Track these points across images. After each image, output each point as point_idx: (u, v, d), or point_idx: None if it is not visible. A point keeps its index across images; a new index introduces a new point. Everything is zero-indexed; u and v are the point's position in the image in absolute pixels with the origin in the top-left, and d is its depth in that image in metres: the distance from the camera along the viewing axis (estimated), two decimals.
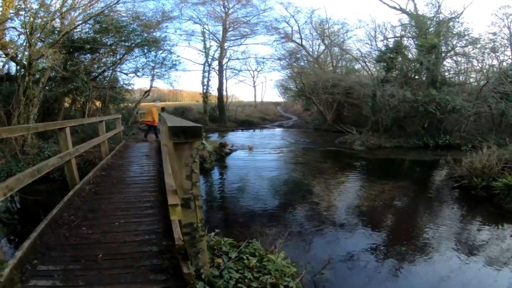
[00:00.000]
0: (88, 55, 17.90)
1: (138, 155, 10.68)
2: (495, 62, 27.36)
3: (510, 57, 27.85)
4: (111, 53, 19.16)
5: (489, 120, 25.72)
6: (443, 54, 25.32)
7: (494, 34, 26.95)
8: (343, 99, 33.49)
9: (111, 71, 21.10)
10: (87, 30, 17.42)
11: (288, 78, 52.87)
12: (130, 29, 17.81)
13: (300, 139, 27.79)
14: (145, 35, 18.48)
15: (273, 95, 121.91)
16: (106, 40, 17.93)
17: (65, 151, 5.79)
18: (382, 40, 29.36)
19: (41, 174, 4.33)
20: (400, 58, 25.79)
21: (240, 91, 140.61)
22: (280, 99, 70.48)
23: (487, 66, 26.57)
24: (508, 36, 27.77)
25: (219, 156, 16.49)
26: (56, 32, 14.43)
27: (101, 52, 18.54)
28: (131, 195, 5.93)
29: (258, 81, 66.36)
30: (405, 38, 27.84)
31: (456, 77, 27.39)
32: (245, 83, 57.28)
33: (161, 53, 21.76)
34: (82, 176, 6.76)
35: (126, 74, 22.04)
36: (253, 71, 51.79)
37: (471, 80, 27.94)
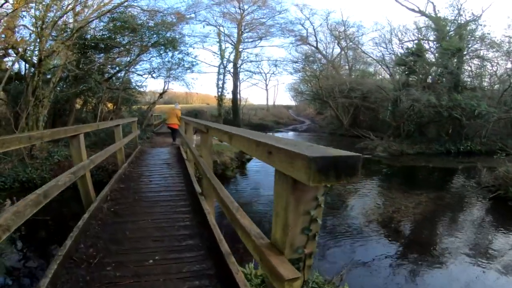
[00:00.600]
0: (102, 54, 16.91)
1: (157, 163, 9.54)
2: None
3: None
4: (126, 52, 18.14)
5: (507, 125, 24.58)
6: (464, 58, 24.10)
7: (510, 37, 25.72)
8: (360, 103, 32.20)
9: (124, 71, 20.14)
10: (101, 27, 16.44)
11: (301, 81, 52.00)
12: (147, 28, 16.75)
13: (317, 144, 26.55)
14: (162, 33, 17.38)
15: (284, 99, 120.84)
16: (121, 39, 16.91)
17: (78, 164, 4.58)
18: (400, 43, 28.30)
19: (49, 198, 3.15)
20: (421, 62, 24.53)
21: (252, 94, 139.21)
22: (292, 102, 69.63)
23: (507, 70, 25.73)
24: None
25: (240, 163, 15.34)
26: (68, 29, 13.43)
27: (115, 51, 17.58)
28: (161, 218, 4.72)
29: (270, 84, 65.09)
30: (423, 41, 26.62)
31: (476, 81, 26.18)
32: (258, 86, 56.15)
33: (177, 54, 20.62)
34: (97, 187, 5.58)
35: (141, 75, 21.00)
36: (266, 74, 50.80)
37: (485, 84, 26.98)
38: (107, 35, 16.07)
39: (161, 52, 19.47)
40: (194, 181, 6.76)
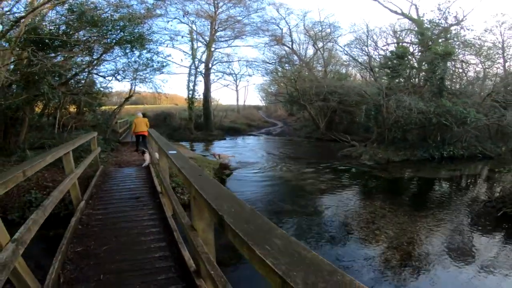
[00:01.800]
0: (59, 53, 14.20)
1: (124, 197, 7.22)
2: (496, 70, 25.84)
3: (502, 64, 26.07)
4: (87, 51, 15.51)
5: (485, 128, 23.71)
6: (448, 62, 22.88)
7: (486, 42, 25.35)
8: (338, 106, 30.71)
9: (86, 73, 17.54)
10: (54, 18, 13.72)
11: (271, 83, 50.29)
12: (111, 22, 14.14)
13: (297, 151, 24.84)
14: (129, 29, 14.76)
15: (254, 99, 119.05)
16: (80, 35, 14.32)
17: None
18: (384, 45, 27.00)
19: None
20: (404, 65, 23.18)
21: (221, 94, 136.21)
22: (262, 103, 67.85)
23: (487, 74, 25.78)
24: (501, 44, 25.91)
25: (220, 180, 13.17)
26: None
27: (75, 50, 14.94)
28: None
29: (240, 85, 62.77)
30: (407, 44, 25.40)
31: (457, 86, 25.30)
32: (229, 87, 53.85)
33: (146, 53, 17.97)
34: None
35: (104, 77, 18.27)
36: (236, 75, 48.78)
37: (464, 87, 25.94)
38: (64, 30, 13.43)
39: (127, 51, 16.88)
40: (179, 239, 4.64)
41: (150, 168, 10.03)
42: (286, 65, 36.60)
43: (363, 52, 30.06)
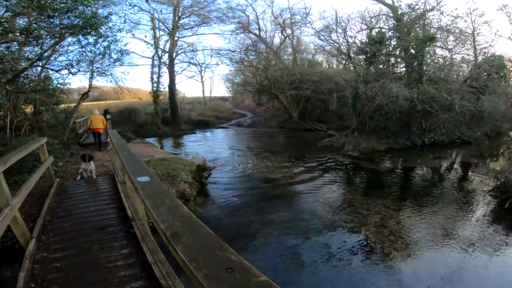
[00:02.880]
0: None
1: (88, 227, 5.24)
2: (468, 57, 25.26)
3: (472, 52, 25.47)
4: (35, 42, 13.09)
5: (460, 114, 22.75)
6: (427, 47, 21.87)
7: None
8: (311, 94, 29.28)
9: (38, 68, 15.09)
10: None
11: (237, 72, 48.30)
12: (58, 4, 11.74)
13: (273, 143, 23.25)
14: (79, 9, 12.31)
15: (220, 90, 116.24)
16: (24, 21, 11.96)
17: None
18: (358, 31, 25.70)
19: None
20: (381, 51, 21.97)
21: (186, 87, 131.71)
22: (228, 94, 65.70)
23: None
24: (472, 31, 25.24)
25: (200, 185, 11.28)
26: None
27: (18, 40, 12.50)
28: None
29: (206, 76, 60.08)
30: (383, 30, 24.11)
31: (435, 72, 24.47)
32: (194, 79, 51.17)
33: (102, 41, 15.48)
34: None
35: (56, 70, 15.71)
36: (201, 65, 46.49)
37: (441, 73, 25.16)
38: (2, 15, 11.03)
39: (79, 38, 14.46)
40: None
41: (114, 176, 8.11)
42: (254, 53, 34.60)
43: (335, 39, 28.63)
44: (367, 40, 22.50)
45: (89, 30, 13.28)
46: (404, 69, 21.94)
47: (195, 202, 9.45)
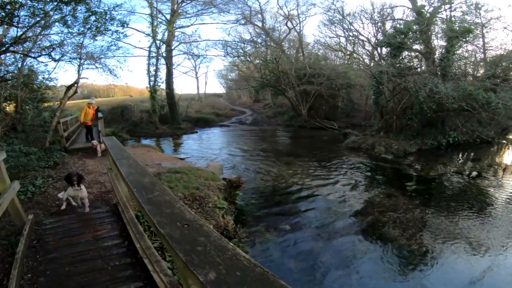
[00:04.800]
0: None
1: None
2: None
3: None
4: (8, 20, 9.90)
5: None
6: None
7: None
8: (325, 90, 26.36)
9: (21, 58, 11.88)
10: None
11: (231, 68, 45.59)
12: None
13: (290, 144, 20.43)
14: None
15: (213, 87, 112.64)
16: None
17: None
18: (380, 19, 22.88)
19: None
20: (409, 43, 19.30)
21: (179, 84, 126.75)
22: (222, 90, 62.73)
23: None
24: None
25: (234, 207, 8.20)
26: None
27: None
28: None
29: (200, 72, 56.50)
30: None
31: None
32: (188, 74, 47.94)
33: (92, 18, 12.04)
34: None
35: (35, 57, 12.32)
36: (198, 57, 43.34)
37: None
38: None
39: (66, 19, 11.13)
40: None
41: (119, 208, 5.07)
42: (261, 45, 31.46)
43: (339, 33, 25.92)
44: (393, 31, 19.73)
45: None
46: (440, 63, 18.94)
47: (239, 239, 6.36)
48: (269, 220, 7.92)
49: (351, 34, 29.24)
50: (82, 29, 12.12)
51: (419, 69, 20.04)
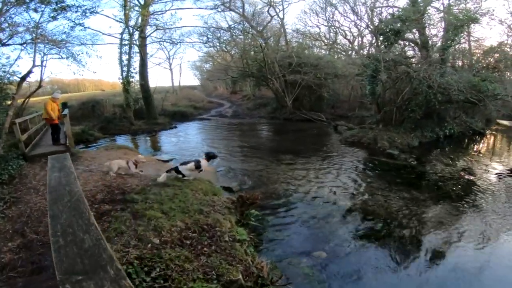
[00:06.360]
0: None
1: None
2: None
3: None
4: None
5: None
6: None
7: None
8: (310, 80, 24.66)
9: None
10: None
11: (206, 59, 43.73)
12: None
13: (282, 139, 18.41)
14: None
15: (188, 79, 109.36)
16: None
17: None
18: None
19: None
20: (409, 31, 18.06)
21: (152, 76, 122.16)
22: (197, 82, 60.33)
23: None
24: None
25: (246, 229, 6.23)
26: None
27: None
28: None
29: (174, 63, 53.59)
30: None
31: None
32: (162, 66, 45.40)
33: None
34: None
35: None
36: (169, 51, 41.01)
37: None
38: None
39: None
40: None
41: None
42: (240, 32, 29.18)
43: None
44: (389, 17, 18.26)
45: None
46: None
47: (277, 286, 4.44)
48: (295, 245, 6.09)
49: (335, 24, 27.73)
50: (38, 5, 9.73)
51: (414, 59, 18.67)
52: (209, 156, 8.08)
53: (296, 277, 5.00)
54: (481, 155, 14.62)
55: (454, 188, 9.59)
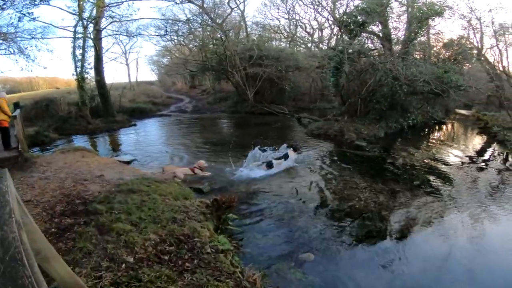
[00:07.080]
0: None
1: None
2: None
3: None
4: None
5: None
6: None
7: None
8: (272, 73, 24.39)
9: None
10: None
11: (164, 53, 42.48)
12: None
13: (246, 134, 17.66)
14: None
15: (145, 74, 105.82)
16: None
17: None
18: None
19: None
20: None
21: (107, 71, 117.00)
22: (155, 77, 58.45)
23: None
24: None
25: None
26: None
27: None
28: None
29: (130, 58, 51.32)
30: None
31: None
32: (117, 61, 43.22)
33: None
34: None
35: None
36: (125, 46, 39.27)
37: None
38: None
39: None
40: None
41: None
42: (199, 25, 28.20)
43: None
44: (354, 9, 18.24)
45: None
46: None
47: None
48: (278, 248, 5.72)
49: (295, 17, 27.59)
50: None
51: (376, 51, 18.85)
52: (295, 148, 10.44)
53: (290, 285, 4.65)
54: (443, 143, 15.08)
55: (428, 177, 9.68)
